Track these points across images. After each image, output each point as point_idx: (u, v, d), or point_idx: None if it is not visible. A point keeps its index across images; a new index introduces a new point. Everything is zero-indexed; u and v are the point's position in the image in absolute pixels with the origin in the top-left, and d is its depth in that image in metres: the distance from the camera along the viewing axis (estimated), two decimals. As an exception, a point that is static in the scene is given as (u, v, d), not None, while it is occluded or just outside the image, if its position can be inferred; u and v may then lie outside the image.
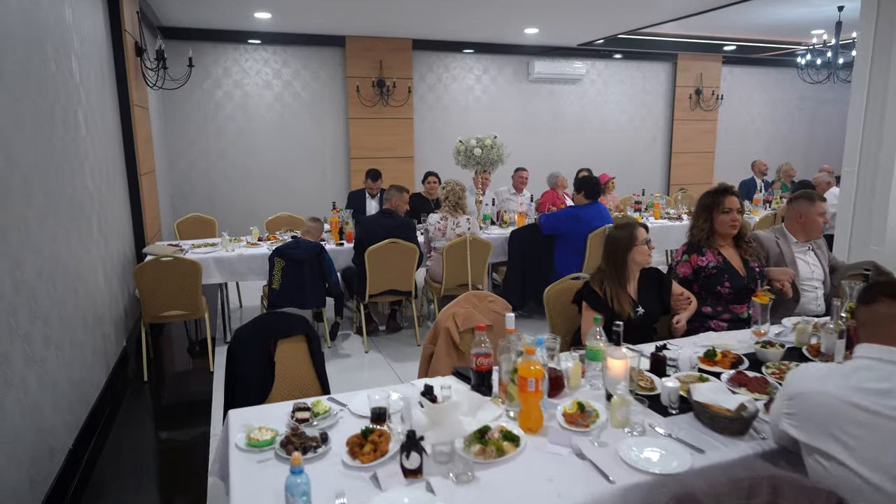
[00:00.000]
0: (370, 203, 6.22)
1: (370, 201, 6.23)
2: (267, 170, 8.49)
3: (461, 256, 4.72)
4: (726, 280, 3.06)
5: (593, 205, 5.21)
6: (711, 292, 3.10)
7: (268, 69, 8.27)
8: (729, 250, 3.18)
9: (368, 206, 6.18)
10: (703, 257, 3.12)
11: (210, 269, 4.63)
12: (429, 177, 6.43)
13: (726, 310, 3.11)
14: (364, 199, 6.21)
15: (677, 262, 3.25)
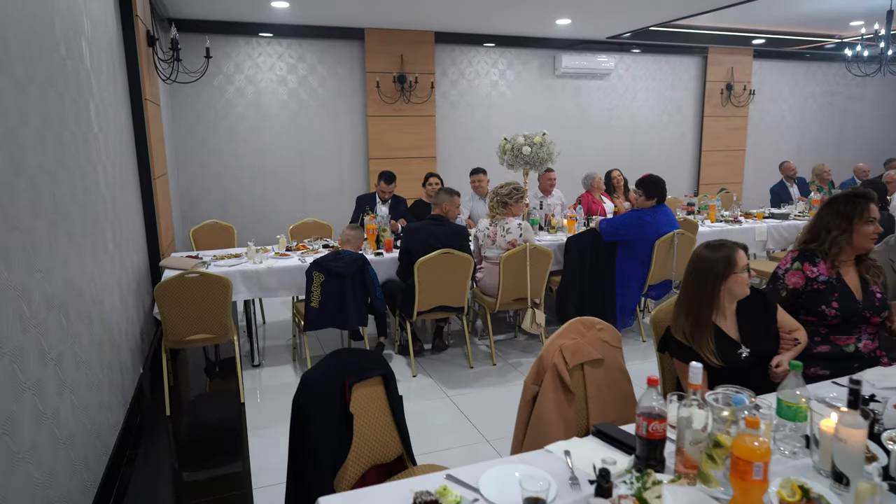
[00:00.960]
0: (380, 209, 5.66)
1: (380, 207, 5.67)
2: (281, 171, 7.95)
3: (520, 268, 4.19)
4: (834, 300, 2.50)
5: (660, 208, 4.69)
6: (812, 312, 2.55)
7: (282, 64, 7.73)
8: (848, 268, 2.63)
9: (378, 213, 5.61)
10: (814, 268, 2.57)
11: (237, 284, 4.10)
12: (430, 178, 5.89)
13: (826, 340, 2.55)
14: (374, 205, 5.66)
15: (786, 270, 2.67)
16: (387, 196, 5.71)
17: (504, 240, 4.35)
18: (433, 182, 5.84)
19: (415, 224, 4.26)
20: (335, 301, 3.85)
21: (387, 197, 5.71)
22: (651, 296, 4.84)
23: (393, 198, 5.77)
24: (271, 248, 4.76)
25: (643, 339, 4.79)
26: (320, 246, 4.80)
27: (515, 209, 4.45)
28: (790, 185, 7.51)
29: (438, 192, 4.25)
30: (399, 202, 5.78)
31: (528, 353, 4.54)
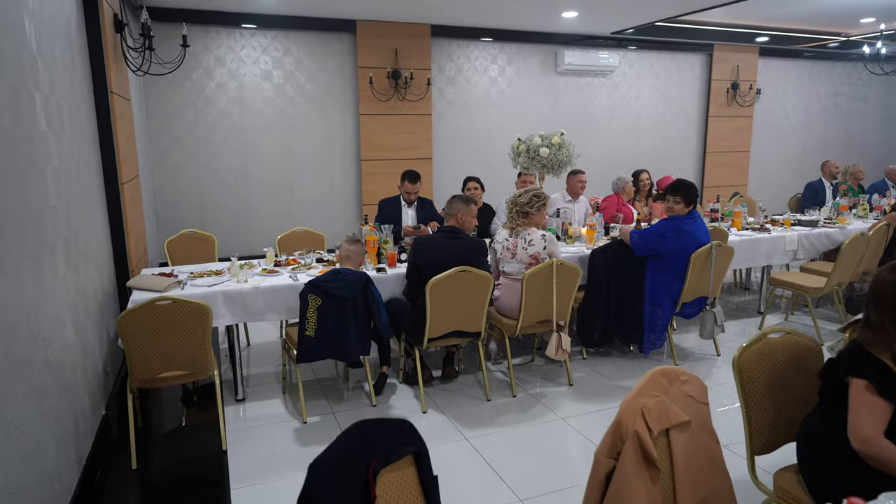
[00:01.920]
0: (406, 213, 5.13)
1: (406, 210, 5.13)
2: (266, 173, 7.35)
3: (545, 286, 3.67)
4: None
5: (696, 215, 4.22)
6: None
7: (267, 57, 7.13)
8: None
9: (405, 217, 5.09)
10: None
11: (217, 307, 3.52)
12: (469, 182, 5.35)
13: None
14: (399, 209, 5.12)
15: None
16: (413, 197, 5.18)
17: (526, 253, 3.83)
18: (472, 187, 5.28)
19: (425, 237, 3.71)
20: (334, 328, 3.29)
21: (413, 198, 5.18)
22: (684, 314, 4.34)
23: (419, 199, 5.24)
24: (258, 264, 4.18)
25: (675, 363, 4.29)
26: (313, 260, 4.24)
27: (538, 218, 3.93)
28: (829, 185, 7.10)
29: (452, 200, 3.70)
30: (425, 203, 5.27)
31: (550, 382, 4.03)
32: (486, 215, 5.35)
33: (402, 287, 3.97)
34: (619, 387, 3.93)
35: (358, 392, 3.90)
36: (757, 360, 2.22)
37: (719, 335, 4.32)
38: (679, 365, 4.28)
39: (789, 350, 2.27)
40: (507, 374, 4.13)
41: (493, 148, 8.43)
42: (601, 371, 4.19)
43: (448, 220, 3.69)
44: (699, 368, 4.23)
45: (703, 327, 4.26)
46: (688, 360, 4.38)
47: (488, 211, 5.42)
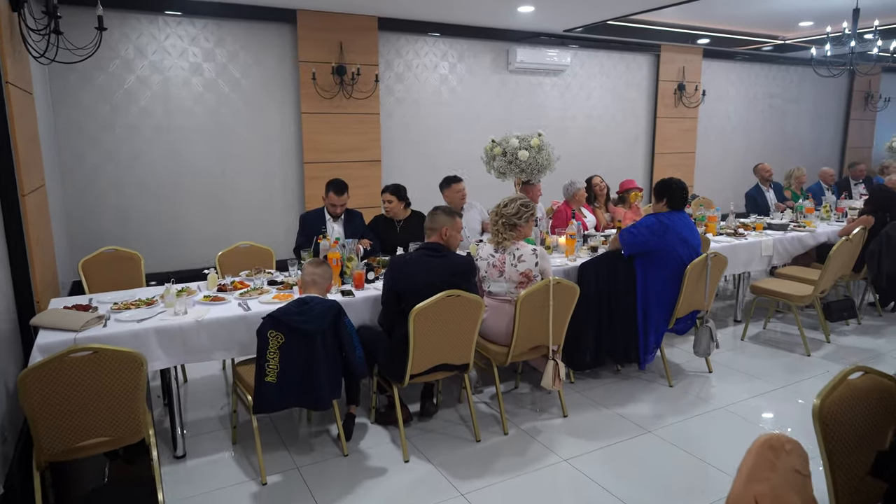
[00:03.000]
0: (332, 228, 4.53)
1: (331, 225, 4.54)
2: (197, 179, 6.57)
3: (540, 309, 3.23)
4: None
5: (677, 212, 3.92)
6: None
7: (196, 49, 6.36)
8: None
9: (330, 233, 4.49)
10: None
11: (151, 347, 2.87)
12: (383, 193, 4.78)
13: None
14: (323, 223, 4.52)
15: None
16: (338, 210, 4.57)
17: (515, 271, 3.38)
18: (386, 199, 4.71)
19: (404, 256, 3.17)
20: (300, 370, 2.72)
21: (338, 212, 4.58)
22: (676, 330, 4.02)
23: (346, 212, 4.65)
24: (198, 289, 3.53)
25: (670, 384, 3.96)
26: (264, 282, 3.62)
27: (526, 230, 3.49)
28: (766, 190, 7.03)
29: (434, 212, 3.18)
30: (353, 217, 4.68)
31: (542, 413, 3.60)
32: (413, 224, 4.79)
33: (372, 313, 3.44)
34: (617, 415, 3.54)
35: (323, 438, 3.32)
36: (840, 408, 1.85)
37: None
38: (673, 385, 4.00)
39: (875, 394, 1.91)
40: (493, 406, 3.67)
41: (444, 150, 7.97)
42: (594, 397, 3.80)
43: (429, 235, 3.17)
44: (694, 388, 3.92)
45: (698, 344, 3.95)
46: (680, 379, 4.06)
47: (417, 220, 4.86)
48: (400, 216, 4.74)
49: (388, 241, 4.59)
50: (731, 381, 4.04)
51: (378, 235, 4.62)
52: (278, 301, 3.25)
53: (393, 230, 4.70)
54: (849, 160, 12.47)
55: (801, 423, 3.44)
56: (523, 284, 3.40)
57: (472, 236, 5.00)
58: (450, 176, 4.93)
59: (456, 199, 4.91)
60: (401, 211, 4.71)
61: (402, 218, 4.75)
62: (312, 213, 4.66)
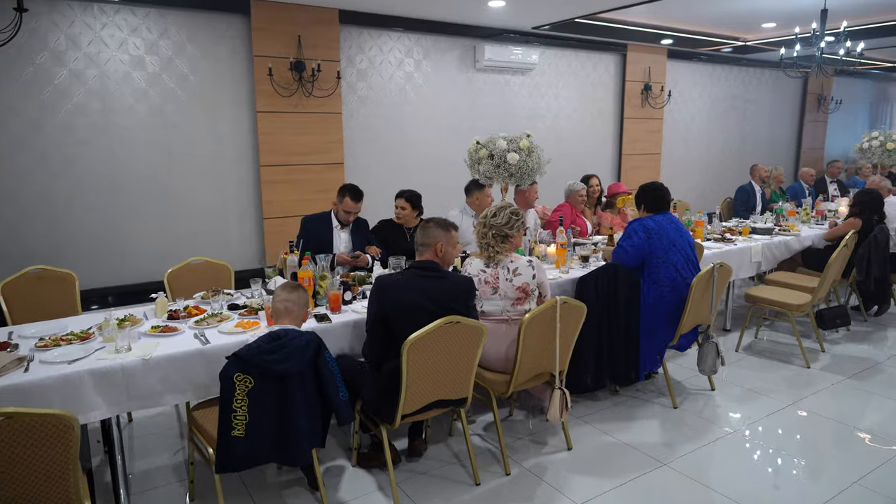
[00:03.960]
0: (339, 237, 4.10)
1: (338, 233, 4.11)
2: (140, 185, 5.95)
3: (545, 332, 2.86)
4: None
5: (662, 214, 3.71)
6: None
7: (137, 40, 5.74)
8: None
9: (337, 241, 4.07)
10: None
11: (87, 395, 2.36)
12: (397, 199, 4.41)
13: None
14: (330, 231, 4.08)
15: None
16: (351, 218, 4.17)
17: (511, 285, 3.00)
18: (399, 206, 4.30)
19: (392, 276, 2.73)
20: (274, 421, 2.26)
21: (351, 219, 4.17)
22: (677, 346, 3.73)
23: (357, 222, 4.27)
24: (144, 317, 3.00)
25: (674, 405, 3.66)
26: (223, 306, 3.13)
27: (518, 240, 3.12)
28: (758, 188, 6.91)
29: (427, 225, 2.75)
30: (361, 225, 4.29)
31: (543, 446, 3.23)
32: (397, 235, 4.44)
33: (352, 339, 3.00)
34: (625, 446, 3.20)
35: (297, 489, 2.86)
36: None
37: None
38: (677, 406, 3.69)
39: None
40: (487, 438, 3.28)
41: (410, 151, 7.56)
42: (595, 422, 3.45)
43: (421, 252, 2.75)
44: (700, 409, 3.63)
45: (702, 361, 3.66)
46: (682, 397, 3.77)
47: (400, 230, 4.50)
48: (410, 224, 4.34)
49: (396, 248, 4.17)
50: (737, 398, 3.77)
51: (384, 242, 4.21)
52: (242, 330, 2.77)
53: (402, 238, 4.31)
54: (803, 161, 12.69)
55: (820, 447, 3.19)
56: (521, 300, 3.03)
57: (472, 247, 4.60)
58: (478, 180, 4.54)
59: (485, 204, 4.53)
60: (412, 219, 4.32)
61: (412, 226, 4.35)
62: (317, 218, 4.21)
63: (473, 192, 4.62)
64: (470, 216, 4.61)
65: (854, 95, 13.33)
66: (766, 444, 3.21)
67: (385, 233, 4.37)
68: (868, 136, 6.78)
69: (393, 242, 4.27)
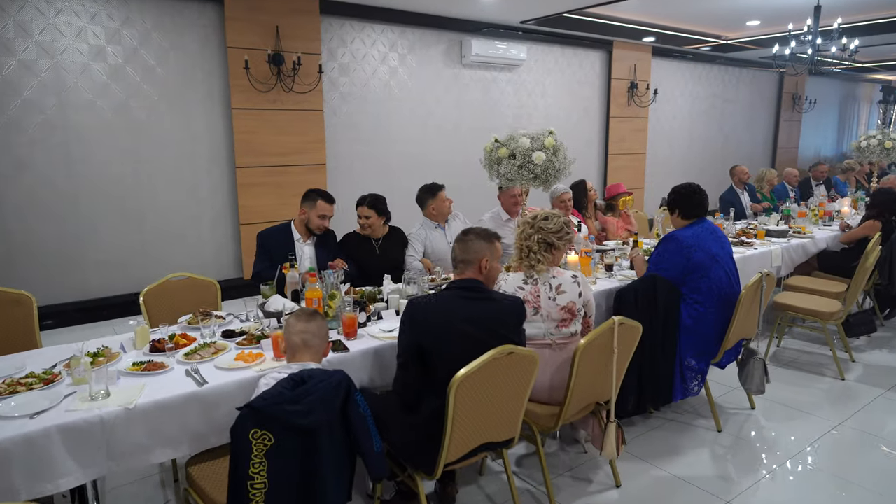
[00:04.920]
0: (302, 251, 3.58)
1: (301, 247, 3.60)
2: (103, 190, 5.36)
3: (603, 357, 2.48)
4: None
5: (699, 222, 3.36)
6: None
7: (97, 28, 5.16)
8: None
9: (301, 257, 3.56)
10: None
11: (54, 457, 1.87)
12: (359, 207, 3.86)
13: None
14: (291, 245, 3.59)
15: None
16: (326, 225, 3.65)
17: (555, 305, 2.61)
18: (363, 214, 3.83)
19: (427, 299, 2.28)
20: (298, 481, 1.81)
21: (325, 225, 3.65)
22: (719, 364, 3.40)
23: (388, 237, 3.86)
24: (122, 350, 2.50)
25: (719, 429, 3.33)
26: (216, 332, 2.65)
27: (561, 256, 2.74)
28: (741, 192, 6.67)
29: (466, 237, 2.31)
30: (328, 237, 3.77)
31: (588, 482, 2.85)
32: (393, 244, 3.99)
33: (372, 371, 2.56)
34: (678, 480, 2.85)
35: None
36: None
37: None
38: (722, 430, 3.35)
39: None
40: (523, 474, 2.88)
41: (396, 151, 7.13)
42: (638, 451, 3.09)
43: (463, 269, 2.31)
44: (746, 433, 3.31)
45: (749, 380, 3.34)
46: (724, 418, 3.44)
47: (398, 238, 4.06)
48: (378, 234, 3.87)
49: (364, 265, 3.70)
50: (781, 418, 3.47)
51: (351, 258, 3.72)
52: (244, 365, 2.30)
53: (370, 252, 3.82)
54: (779, 161, 12.71)
55: (891, 474, 2.90)
56: (566, 322, 2.64)
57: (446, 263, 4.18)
58: (431, 184, 4.12)
59: (445, 210, 4.11)
60: (380, 227, 3.84)
61: (380, 236, 3.88)
62: (276, 231, 3.68)
63: (428, 200, 4.07)
64: (433, 228, 4.14)
65: (824, 95, 13.44)
66: (832, 472, 2.91)
67: (350, 248, 3.82)
68: (866, 136, 6.66)
69: (360, 258, 3.76)
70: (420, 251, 4.02)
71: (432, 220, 4.11)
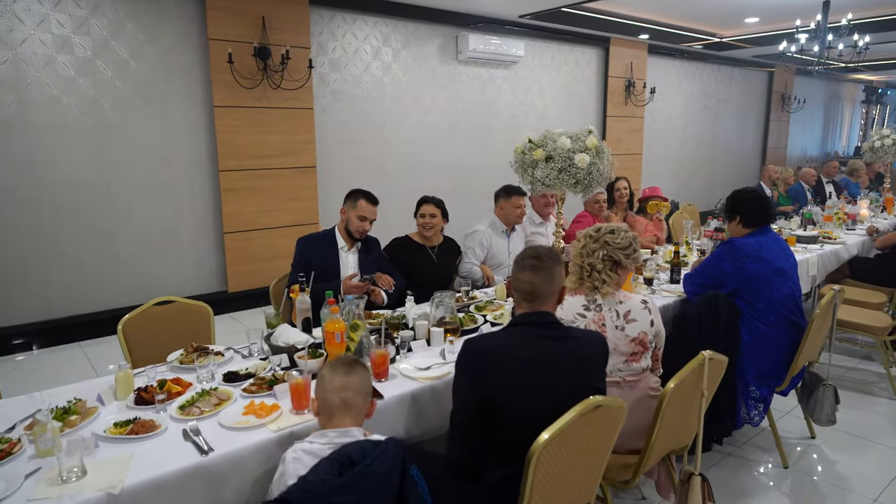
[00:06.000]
0: (346, 260, 3.17)
1: (346, 258, 3.17)
2: (70, 197, 4.80)
3: (688, 398, 2.07)
4: None
5: (763, 230, 3.03)
6: None
7: (62, 16, 4.60)
8: None
9: (344, 266, 3.13)
10: None
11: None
12: (424, 205, 3.54)
13: None
14: (335, 253, 3.16)
15: None
16: (368, 228, 3.20)
17: (624, 336, 2.20)
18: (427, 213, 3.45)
19: (490, 340, 1.79)
20: None
21: (367, 230, 3.21)
22: (782, 392, 3.03)
23: (364, 239, 3.28)
24: (98, 402, 2.01)
25: (785, 465, 2.95)
26: (215, 374, 2.18)
27: (626, 276, 2.33)
28: (770, 193, 6.39)
29: (541, 264, 1.80)
30: (371, 244, 3.33)
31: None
32: (448, 254, 3.60)
33: (405, 421, 2.11)
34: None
35: None
36: None
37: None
38: (789, 466, 2.97)
39: None
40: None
41: (389, 152, 6.67)
42: (708, 499, 2.69)
43: (533, 301, 1.85)
44: (815, 468, 2.95)
45: (818, 409, 2.97)
46: (786, 451, 3.08)
47: (453, 249, 3.67)
48: (435, 241, 3.46)
49: (418, 276, 3.27)
50: (849, 449, 3.12)
51: (403, 270, 3.30)
52: (258, 420, 1.84)
53: (428, 261, 3.42)
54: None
55: None
56: (636, 356, 2.23)
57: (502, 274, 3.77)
58: (509, 185, 3.73)
59: (512, 217, 3.73)
60: (439, 233, 3.45)
61: (436, 244, 3.47)
62: (318, 238, 3.22)
63: (500, 199, 3.83)
64: (500, 232, 3.79)
65: (810, 95, 13.35)
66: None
67: (401, 255, 3.45)
68: (879, 135, 6.43)
69: (414, 268, 3.39)
70: (481, 256, 3.64)
71: (501, 223, 3.74)
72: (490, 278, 3.59)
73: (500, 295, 3.18)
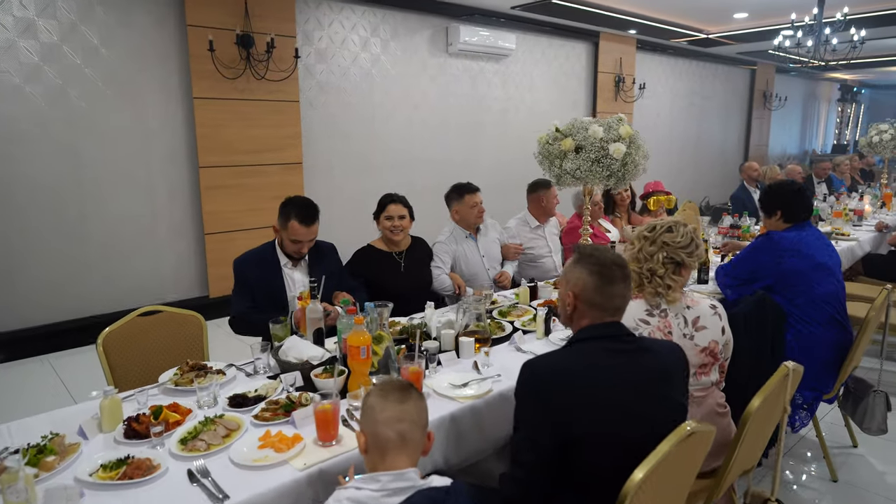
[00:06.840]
0: (291, 280, 2.68)
1: (289, 273, 2.68)
2: (37, 196, 4.38)
3: (768, 414, 1.83)
4: None
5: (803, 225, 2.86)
6: None
7: (27, 1, 4.19)
8: None
9: (289, 284, 2.66)
10: None
11: None
12: (390, 205, 3.08)
13: None
14: (277, 272, 2.66)
15: None
16: (303, 250, 2.66)
17: (693, 346, 1.94)
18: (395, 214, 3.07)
19: (558, 361, 1.46)
20: None
21: (303, 251, 2.67)
22: (828, 399, 2.82)
23: (313, 247, 2.77)
24: (81, 437, 1.67)
25: (834, 478, 2.74)
26: (216, 397, 1.85)
27: (688, 276, 2.07)
28: (753, 191, 6.23)
29: (621, 273, 1.46)
30: (322, 253, 2.80)
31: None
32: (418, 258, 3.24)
33: (444, 448, 1.82)
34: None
35: None
36: None
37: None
38: (837, 480, 2.75)
39: None
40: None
41: (378, 147, 6.35)
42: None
43: (598, 312, 1.53)
44: (866, 481, 2.74)
45: (869, 417, 2.76)
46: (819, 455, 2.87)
47: (424, 251, 3.31)
48: (403, 245, 3.11)
49: (385, 287, 2.93)
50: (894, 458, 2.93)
51: (368, 281, 2.94)
52: (278, 457, 1.53)
53: (394, 269, 3.06)
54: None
55: None
56: (706, 368, 1.98)
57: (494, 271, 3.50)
58: (463, 183, 3.40)
59: (470, 218, 3.39)
60: (407, 237, 3.10)
61: (403, 248, 3.13)
62: (255, 256, 2.68)
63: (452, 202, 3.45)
64: (464, 238, 3.44)
65: (789, 94, 13.40)
66: None
67: (365, 269, 3.01)
68: (877, 130, 6.35)
69: (381, 279, 2.98)
70: (448, 263, 3.31)
71: (461, 228, 3.41)
72: (461, 286, 3.25)
73: (523, 299, 2.91)
